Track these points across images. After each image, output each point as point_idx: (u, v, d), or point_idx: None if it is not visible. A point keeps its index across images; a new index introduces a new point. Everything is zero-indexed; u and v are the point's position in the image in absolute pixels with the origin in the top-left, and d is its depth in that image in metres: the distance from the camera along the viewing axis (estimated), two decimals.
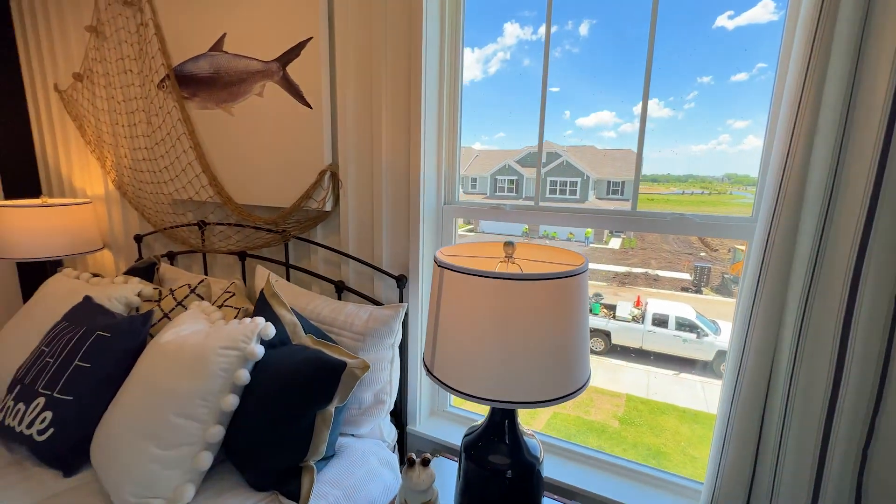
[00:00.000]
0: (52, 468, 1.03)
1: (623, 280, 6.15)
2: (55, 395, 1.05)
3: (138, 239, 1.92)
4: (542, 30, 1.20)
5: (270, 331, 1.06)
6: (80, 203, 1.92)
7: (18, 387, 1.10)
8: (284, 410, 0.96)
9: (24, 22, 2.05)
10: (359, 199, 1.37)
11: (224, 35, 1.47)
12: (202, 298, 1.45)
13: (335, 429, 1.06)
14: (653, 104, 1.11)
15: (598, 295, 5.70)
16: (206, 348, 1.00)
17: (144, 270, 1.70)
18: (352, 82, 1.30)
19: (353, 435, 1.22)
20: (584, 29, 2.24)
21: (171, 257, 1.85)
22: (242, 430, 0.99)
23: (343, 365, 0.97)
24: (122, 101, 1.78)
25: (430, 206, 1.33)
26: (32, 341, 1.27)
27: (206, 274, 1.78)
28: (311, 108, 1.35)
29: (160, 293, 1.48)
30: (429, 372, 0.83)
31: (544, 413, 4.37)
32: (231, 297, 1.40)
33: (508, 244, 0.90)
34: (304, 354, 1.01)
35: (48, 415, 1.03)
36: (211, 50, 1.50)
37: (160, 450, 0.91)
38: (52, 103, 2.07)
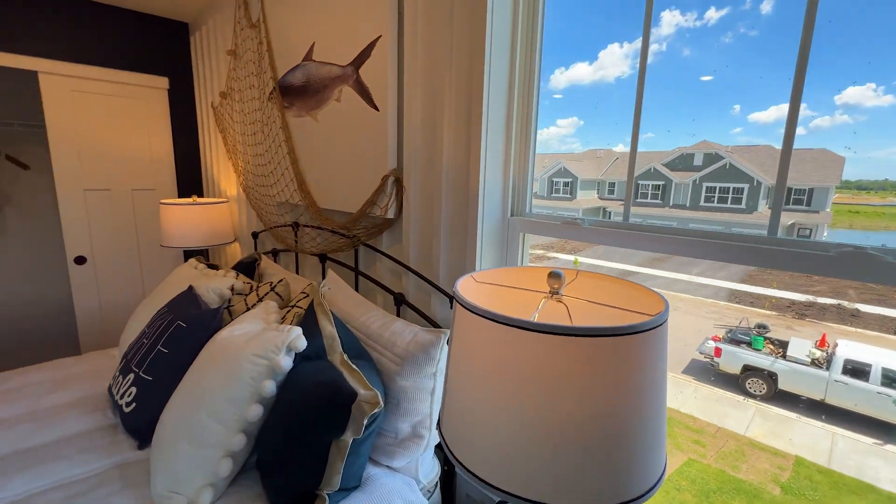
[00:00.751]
0: (132, 438, 1.17)
1: (803, 311, 4.86)
2: (141, 373, 1.20)
3: (254, 235, 2.16)
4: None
5: (300, 343, 1.02)
6: (219, 202, 2.26)
7: (124, 361, 1.30)
8: (299, 433, 0.91)
9: (198, 51, 2.50)
10: (421, 207, 1.26)
11: (313, 44, 1.51)
12: (280, 297, 1.53)
13: (355, 461, 0.96)
14: (864, 91, 0.74)
15: (762, 326, 4.63)
16: (240, 353, 1.00)
17: (248, 265, 1.88)
18: (419, 81, 1.19)
19: (387, 466, 1.12)
20: (766, 6, 1.71)
21: (275, 254, 2.03)
22: (266, 445, 0.97)
23: (353, 396, 0.86)
24: (247, 112, 2.01)
25: (493, 218, 1.14)
26: (146, 319, 1.50)
27: (297, 273, 1.90)
28: (378, 109, 1.29)
29: (251, 288, 1.60)
30: (439, 429, 0.67)
31: (677, 457, 3.70)
32: (303, 298, 1.44)
33: (554, 275, 0.68)
34: (323, 376, 0.94)
35: (134, 390, 1.18)
36: (304, 60, 1.57)
37: (190, 447, 0.95)
38: (210, 118, 2.48)
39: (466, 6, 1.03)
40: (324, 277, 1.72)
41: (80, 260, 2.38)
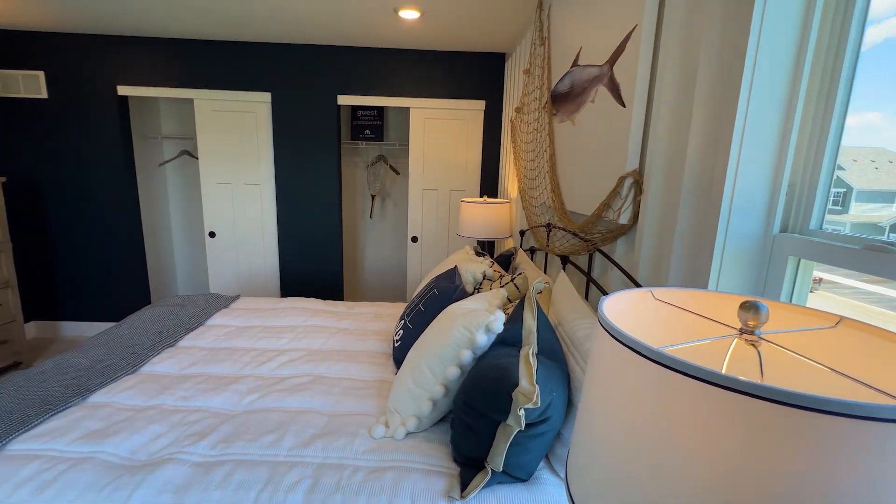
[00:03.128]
0: (394, 365, 1.60)
1: None
2: (407, 322, 1.61)
3: (521, 233, 2.40)
4: None
5: (496, 326, 1.11)
6: (501, 202, 2.63)
7: (405, 310, 1.77)
8: (475, 403, 1.01)
9: (508, 75, 2.97)
10: (658, 213, 1.09)
11: (580, 49, 1.54)
12: (517, 289, 1.67)
13: (522, 453, 0.98)
14: None
15: None
16: (454, 323, 1.20)
17: (506, 257, 2.13)
18: (674, 70, 1.03)
19: (561, 477, 1.06)
20: None
21: (532, 252, 2.19)
22: (456, 405, 1.13)
23: (513, 386, 0.88)
24: (529, 123, 2.24)
25: (745, 233, 0.86)
26: (422, 285, 1.96)
27: (545, 271, 1.99)
28: (624, 105, 1.19)
29: (499, 276, 1.83)
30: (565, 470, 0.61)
31: None
32: (536, 294, 1.53)
33: (751, 308, 0.50)
34: (503, 361, 1.00)
35: (402, 332, 1.61)
36: (571, 67, 1.62)
37: (412, 382, 1.22)
38: (508, 131, 2.91)
39: None
40: None
41: (415, 239, 3.33)
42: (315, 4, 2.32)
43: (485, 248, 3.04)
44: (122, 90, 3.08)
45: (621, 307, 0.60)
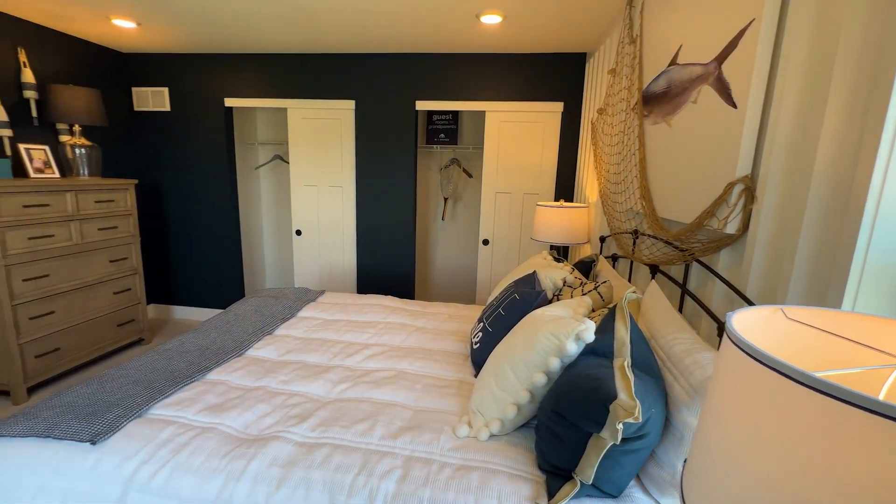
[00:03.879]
0: (472, 367, 1.62)
1: None
2: (486, 325, 1.63)
3: (602, 239, 2.32)
4: None
5: (587, 335, 1.09)
6: (579, 207, 2.56)
7: (483, 312, 1.79)
8: (565, 412, 1.00)
9: (589, 76, 2.89)
10: (774, 223, 1.01)
11: (680, 47, 1.45)
12: (601, 297, 1.62)
13: (614, 467, 0.95)
14: None
15: None
16: (540, 329, 1.19)
17: (587, 264, 2.06)
18: (800, 69, 0.94)
19: (655, 500, 1.01)
20: None
21: (615, 259, 2.10)
22: (542, 412, 1.12)
23: (611, 397, 0.86)
24: (614, 125, 2.16)
25: (892, 249, 0.76)
26: (501, 289, 1.96)
27: (629, 280, 1.90)
28: (736, 107, 1.11)
29: (580, 283, 1.78)
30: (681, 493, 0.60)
31: None
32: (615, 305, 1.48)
33: None
34: (596, 371, 0.98)
35: (480, 335, 1.63)
36: (668, 65, 1.53)
37: (495, 384, 1.24)
38: (588, 133, 2.82)
39: None
40: None
41: (486, 242, 3.35)
42: (402, 17, 2.42)
43: (560, 253, 2.97)
44: (229, 102, 3.45)
45: (748, 325, 0.56)
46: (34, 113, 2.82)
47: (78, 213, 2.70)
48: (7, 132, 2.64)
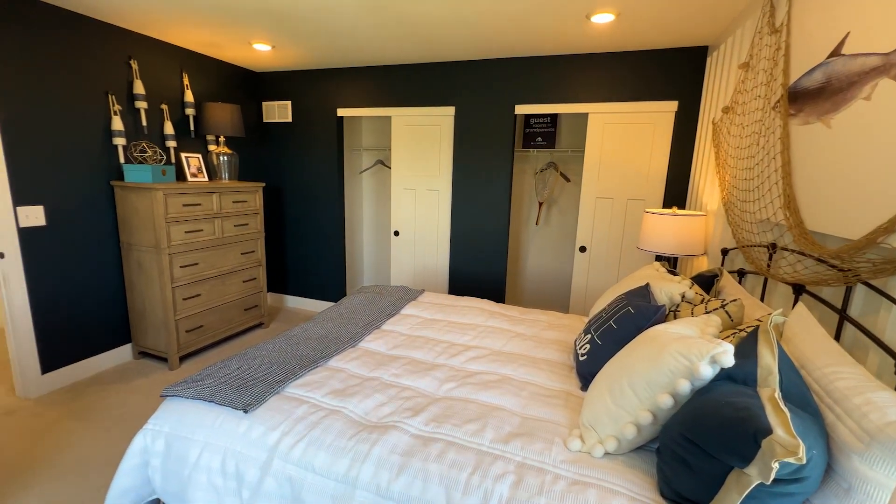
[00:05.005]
0: (578, 379, 1.57)
1: None
2: (595, 337, 1.57)
3: (724, 252, 2.09)
4: None
5: (725, 359, 0.99)
6: (696, 215, 2.34)
7: (588, 325, 1.72)
8: (700, 441, 0.92)
9: (711, 71, 2.63)
10: None
11: (846, 35, 1.26)
12: (729, 317, 1.47)
13: None
14: None
15: None
16: (666, 347, 1.11)
17: (707, 279, 1.89)
18: None
19: None
20: None
21: (741, 275, 1.89)
22: (668, 436, 1.05)
23: (766, 431, 0.77)
24: (745, 125, 1.94)
25: None
26: (609, 300, 1.87)
27: (762, 300, 1.69)
28: None
29: (701, 300, 1.64)
30: None
31: None
32: (756, 325, 1.33)
33: None
34: (740, 399, 0.88)
35: (588, 347, 1.57)
36: (828, 57, 1.34)
37: (610, 401, 1.19)
38: (708, 135, 2.57)
39: None
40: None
41: (583, 249, 3.22)
42: (510, 25, 2.44)
43: (672, 265, 2.75)
44: (340, 112, 3.76)
45: None
46: (192, 126, 3.36)
47: (220, 212, 3.15)
48: (173, 143, 3.18)
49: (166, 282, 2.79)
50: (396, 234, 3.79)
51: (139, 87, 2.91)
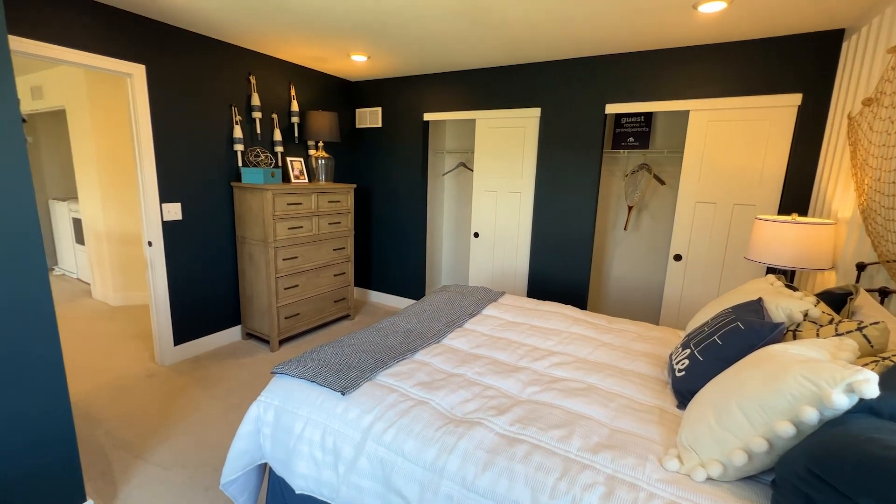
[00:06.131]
0: (674, 396, 1.46)
1: None
2: (695, 352, 1.45)
3: (860, 267, 1.81)
4: None
5: (867, 389, 0.86)
6: (823, 223, 2.05)
7: (686, 339, 1.59)
8: (832, 479, 0.81)
9: (847, 58, 2.29)
10: None
11: None
12: (868, 342, 1.27)
13: None
14: None
15: None
16: (789, 368, 1.00)
17: (837, 297, 1.65)
18: None
19: None
20: None
21: (884, 294, 1.61)
22: (787, 468, 0.93)
23: None
24: (894, 119, 1.66)
25: None
26: (711, 314, 1.71)
27: None
28: None
29: (830, 320, 1.43)
30: None
31: None
32: None
33: None
34: (888, 437, 0.76)
35: (686, 362, 1.45)
36: None
37: (715, 422, 1.09)
38: (841, 131, 2.24)
39: None
40: None
41: (678, 257, 2.98)
42: (604, 21, 2.34)
43: (789, 279, 2.44)
44: (427, 116, 3.90)
45: None
46: (296, 133, 3.71)
47: (317, 211, 3.44)
48: (281, 148, 3.55)
49: (271, 272, 3.11)
50: (476, 235, 3.83)
51: (256, 100, 3.29)
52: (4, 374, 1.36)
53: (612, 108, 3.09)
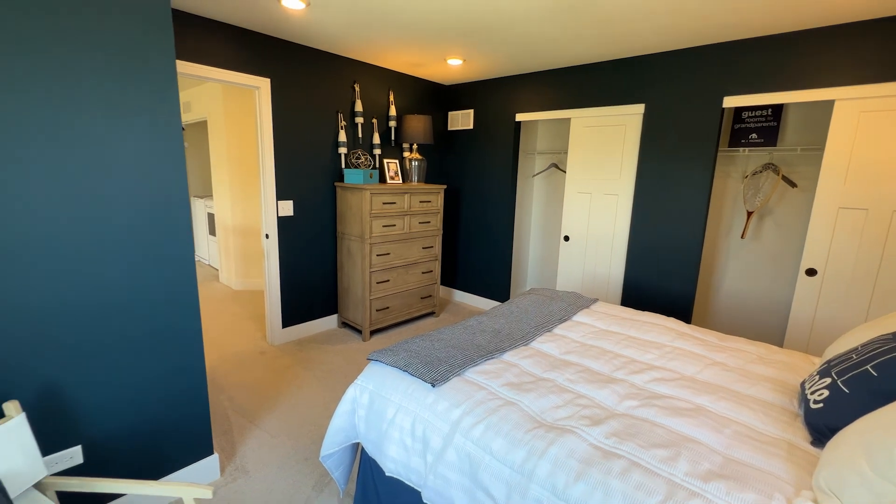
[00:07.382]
0: (807, 430, 1.25)
1: None
2: (839, 382, 1.22)
3: None
4: None
5: None
6: None
7: (825, 365, 1.36)
8: None
9: None
10: None
11: None
12: None
13: None
14: None
15: None
16: None
17: None
18: None
19: None
20: None
21: None
22: None
23: None
24: None
25: None
26: (861, 339, 1.43)
27: None
28: None
29: None
30: None
31: None
32: None
33: None
34: None
35: (826, 393, 1.24)
36: None
37: (868, 467, 0.91)
38: None
39: None
40: None
41: (812, 272, 2.56)
42: (724, 4, 2.10)
43: None
44: (519, 117, 3.86)
45: None
46: (392, 136, 3.92)
47: (409, 210, 3.60)
48: (378, 151, 3.78)
49: (366, 266, 3.32)
50: (566, 238, 3.69)
51: (359, 106, 3.55)
52: (163, 340, 1.64)
53: (730, 102, 2.76)
